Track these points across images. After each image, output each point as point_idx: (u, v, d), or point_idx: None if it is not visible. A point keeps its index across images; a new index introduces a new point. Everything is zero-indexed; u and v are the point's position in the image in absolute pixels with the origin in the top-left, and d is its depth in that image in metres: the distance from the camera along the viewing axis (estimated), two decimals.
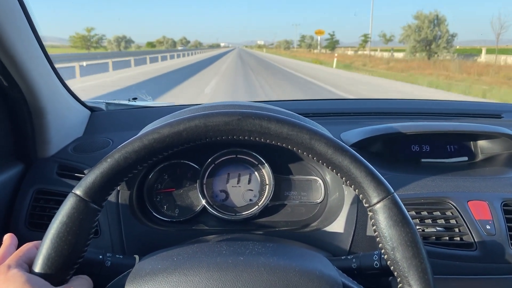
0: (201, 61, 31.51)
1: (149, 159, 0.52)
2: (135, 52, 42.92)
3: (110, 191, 0.53)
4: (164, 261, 0.52)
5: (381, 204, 0.50)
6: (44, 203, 0.89)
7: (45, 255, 0.49)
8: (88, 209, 0.50)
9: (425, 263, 0.49)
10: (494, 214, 0.81)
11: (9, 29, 0.73)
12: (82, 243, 0.51)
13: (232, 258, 0.51)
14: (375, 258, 0.62)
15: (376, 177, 0.51)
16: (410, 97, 9.83)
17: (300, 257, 0.54)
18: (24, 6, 0.80)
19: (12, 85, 0.84)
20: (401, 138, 1.05)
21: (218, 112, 0.53)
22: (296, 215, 0.89)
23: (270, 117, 0.53)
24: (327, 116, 1.27)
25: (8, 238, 0.57)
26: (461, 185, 0.88)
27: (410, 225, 0.50)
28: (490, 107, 1.42)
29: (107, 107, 1.32)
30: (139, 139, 0.52)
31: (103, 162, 0.51)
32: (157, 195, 0.89)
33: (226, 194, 0.89)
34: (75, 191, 0.51)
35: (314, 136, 0.52)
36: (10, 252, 0.54)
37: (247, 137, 0.53)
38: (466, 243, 0.80)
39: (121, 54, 33.51)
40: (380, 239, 0.51)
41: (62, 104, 1.02)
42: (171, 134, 0.52)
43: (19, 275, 0.48)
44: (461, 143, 1.06)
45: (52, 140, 0.97)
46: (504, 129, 1.02)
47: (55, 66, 0.98)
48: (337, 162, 0.52)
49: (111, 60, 19.65)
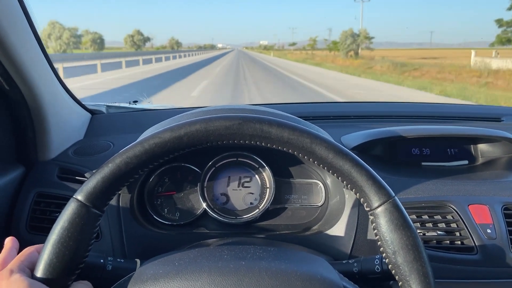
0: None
1: (150, 163, 0.52)
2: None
3: (112, 196, 0.53)
4: (166, 266, 0.52)
5: (382, 208, 0.50)
6: (44, 206, 0.89)
7: (47, 261, 0.49)
8: (89, 214, 0.50)
9: (426, 267, 0.49)
10: (494, 218, 0.81)
11: (10, 31, 0.73)
12: (84, 249, 0.51)
13: (233, 263, 0.51)
14: (377, 262, 0.62)
15: (377, 181, 0.52)
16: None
17: (302, 261, 0.54)
18: (25, 8, 0.80)
19: (13, 88, 0.84)
20: (402, 142, 1.05)
21: (219, 117, 0.53)
22: (296, 218, 0.88)
23: (271, 121, 0.53)
24: (328, 120, 1.27)
25: (10, 241, 0.56)
26: (462, 189, 0.88)
27: (411, 229, 0.50)
28: (490, 111, 1.43)
29: (108, 110, 1.32)
30: (140, 144, 0.52)
31: (104, 167, 0.51)
32: (158, 198, 0.89)
33: (226, 197, 0.89)
34: (77, 196, 0.51)
35: (315, 140, 0.52)
36: (11, 256, 0.54)
37: (248, 141, 0.53)
38: (467, 247, 0.80)
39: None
40: (381, 243, 0.51)
41: (62, 107, 1.02)
42: (172, 138, 0.52)
43: (21, 280, 0.48)
44: (462, 146, 1.06)
45: (53, 143, 0.97)
46: (504, 132, 1.02)
47: (55, 68, 0.98)
48: (338, 166, 0.52)
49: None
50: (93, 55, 27.49)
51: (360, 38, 48.29)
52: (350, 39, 47.47)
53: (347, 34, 48.26)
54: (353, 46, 46.85)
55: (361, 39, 48.38)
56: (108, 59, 25.12)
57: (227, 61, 35.01)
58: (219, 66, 26.87)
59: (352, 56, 42.88)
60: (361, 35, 48.76)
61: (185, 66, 26.45)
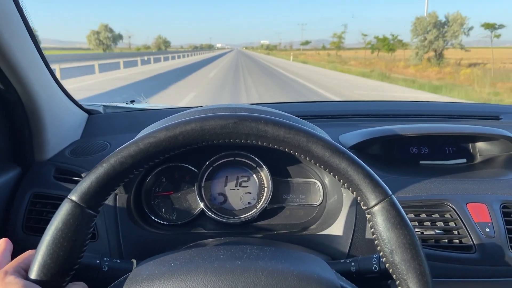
0: None
1: (145, 163, 0.52)
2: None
3: (106, 196, 0.52)
4: (162, 266, 0.52)
5: (379, 207, 0.50)
6: (41, 207, 0.89)
7: (41, 262, 0.49)
8: (83, 214, 0.50)
9: (423, 266, 0.48)
10: (493, 216, 0.81)
11: (5, 31, 0.73)
12: (78, 249, 0.50)
13: (229, 263, 0.50)
14: (374, 261, 0.61)
15: (374, 179, 0.51)
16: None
17: (299, 261, 0.53)
18: (20, 8, 0.80)
19: (9, 88, 0.84)
20: (400, 140, 1.04)
21: (215, 116, 0.53)
22: (294, 218, 0.88)
23: (267, 120, 0.53)
24: (325, 118, 1.27)
25: (3, 243, 0.56)
26: (460, 187, 0.87)
27: (408, 227, 0.50)
28: (489, 109, 1.42)
29: (105, 110, 1.32)
30: (134, 143, 0.51)
31: (99, 167, 0.51)
32: (155, 198, 0.88)
33: (224, 197, 0.88)
34: (71, 196, 0.50)
35: (311, 139, 0.52)
36: (5, 257, 0.53)
37: (244, 140, 0.53)
38: (465, 246, 0.80)
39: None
40: (378, 242, 0.50)
41: (59, 107, 1.02)
42: (167, 138, 0.52)
43: (15, 282, 0.47)
44: (460, 145, 1.06)
45: (49, 143, 0.97)
46: (502, 130, 1.02)
47: (51, 69, 0.98)
48: (334, 164, 0.52)
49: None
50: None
51: (451, 29, 25.44)
52: (434, 31, 25.64)
53: (426, 23, 26.04)
54: (439, 43, 25.56)
55: (454, 31, 25.38)
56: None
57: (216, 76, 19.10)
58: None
59: (432, 60, 25.37)
60: (452, 24, 25.43)
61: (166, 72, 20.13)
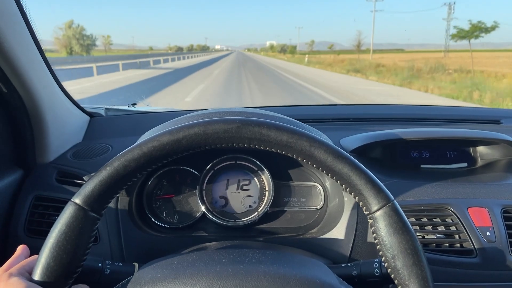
0: None
1: (148, 167, 0.52)
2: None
3: (110, 199, 0.52)
4: (164, 269, 0.52)
5: (381, 212, 0.50)
6: (43, 209, 0.89)
7: (44, 264, 0.49)
8: (87, 217, 0.50)
9: (425, 271, 0.49)
10: (494, 220, 0.81)
11: (8, 34, 0.73)
12: (81, 252, 0.51)
13: (232, 267, 0.51)
14: (376, 265, 0.61)
15: (376, 184, 0.51)
16: None
17: (300, 265, 0.53)
18: (23, 10, 0.80)
19: (11, 91, 0.84)
20: (401, 144, 1.05)
21: (218, 120, 0.53)
22: (296, 221, 0.88)
23: (270, 125, 0.53)
24: (327, 122, 1.27)
25: (20, 249, 0.58)
26: (461, 192, 0.88)
27: (410, 233, 0.50)
28: (489, 113, 1.43)
29: (106, 112, 1.32)
30: (138, 147, 0.52)
31: (102, 170, 0.51)
32: (157, 201, 0.88)
33: (225, 200, 0.88)
34: (74, 199, 0.50)
35: (314, 144, 0.52)
36: (18, 262, 0.55)
37: (247, 144, 0.53)
38: (466, 250, 0.80)
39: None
40: (380, 247, 0.50)
41: (61, 110, 1.02)
42: (170, 142, 0.52)
43: (19, 283, 0.48)
44: (461, 149, 1.06)
45: (51, 146, 0.97)
46: (503, 135, 1.02)
47: (54, 71, 0.98)
48: (336, 169, 0.52)
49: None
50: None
51: None
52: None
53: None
54: None
55: None
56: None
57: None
58: None
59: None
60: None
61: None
